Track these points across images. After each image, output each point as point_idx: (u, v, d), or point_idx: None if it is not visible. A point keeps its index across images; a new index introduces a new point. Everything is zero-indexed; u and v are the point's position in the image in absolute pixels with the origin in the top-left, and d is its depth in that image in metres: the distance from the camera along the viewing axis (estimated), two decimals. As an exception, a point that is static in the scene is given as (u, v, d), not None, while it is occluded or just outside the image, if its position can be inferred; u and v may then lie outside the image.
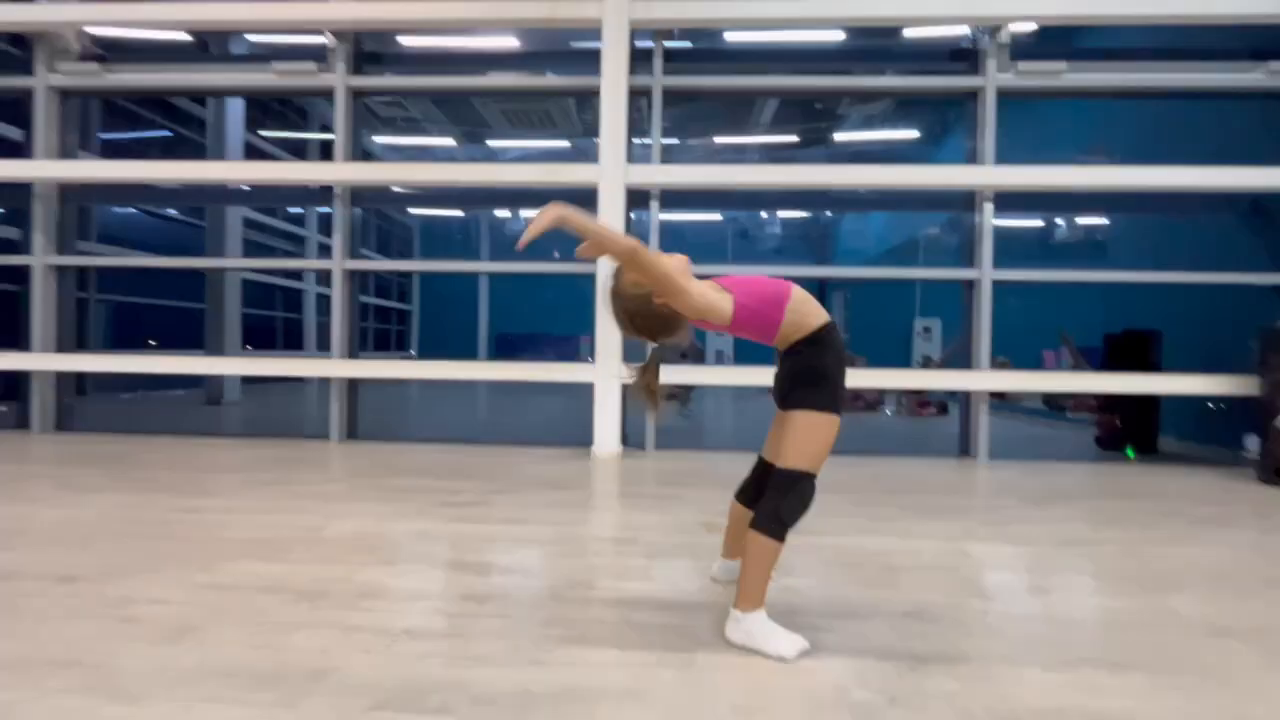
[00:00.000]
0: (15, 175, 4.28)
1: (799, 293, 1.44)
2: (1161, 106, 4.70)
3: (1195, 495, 3.08)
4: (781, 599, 1.67)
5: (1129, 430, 4.48)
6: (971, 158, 4.11)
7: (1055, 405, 7.78)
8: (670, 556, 1.99)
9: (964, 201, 4.21)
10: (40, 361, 4.32)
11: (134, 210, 8.77)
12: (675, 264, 1.35)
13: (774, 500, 1.37)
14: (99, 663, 1.26)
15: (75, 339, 4.82)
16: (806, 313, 1.43)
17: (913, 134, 8.70)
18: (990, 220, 4.04)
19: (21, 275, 4.54)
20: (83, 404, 5.98)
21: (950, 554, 2.10)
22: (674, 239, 3.33)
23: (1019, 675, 1.29)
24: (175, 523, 2.26)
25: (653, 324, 1.43)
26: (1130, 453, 4.21)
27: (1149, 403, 4.45)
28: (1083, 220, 10.85)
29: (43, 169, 4.22)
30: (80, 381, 6.91)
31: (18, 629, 1.40)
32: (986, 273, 4.01)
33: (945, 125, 8.68)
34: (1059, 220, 11.09)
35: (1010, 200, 4.23)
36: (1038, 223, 11.05)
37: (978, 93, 4.05)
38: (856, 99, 7.46)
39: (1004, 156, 4.02)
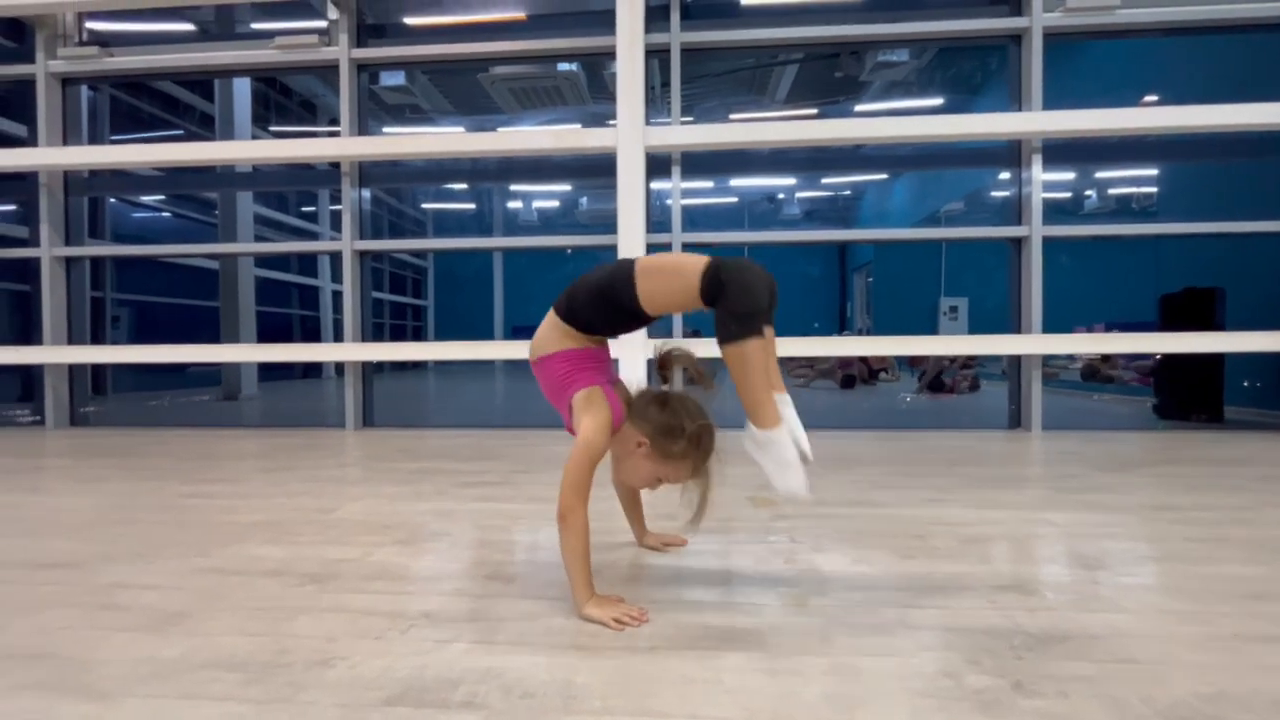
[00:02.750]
0: (17, 163, 4.17)
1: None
2: (1224, 44, 4.35)
3: (1285, 459, 2.80)
4: (854, 571, 1.46)
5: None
6: (1016, 108, 3.82)
7: (1096, 377, 7.44)
8: (715, 533, 1.78)
9: (1008, 156, 3.92)
10: (50, 354, 4.22)
11: (148, 212, 8.76)
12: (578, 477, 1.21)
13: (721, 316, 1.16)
14: (70, 655, 1.08)
15: (90, 337, 4.74)
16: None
17: (939, 101, 8.33)
18: (1039, 174, 3.75)
19: (33, 273, 4.45)
20: (100, 403, 5.94)
21: (1032, 523, 1.86)
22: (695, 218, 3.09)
23: (1166, 654, 1.06)
24: (178, 508, 2.10)
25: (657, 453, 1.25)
26: None
27: (1213, 367, 4.13)
28: (1118, 190, 10.40)
29: (45, 156, 4.10)
30: (98, 382, 6.90)
31: (-13, 619, 1.23)
32: (1036, 229, 3.72)
33: (976, 87, 8.32)
34: (1090, 192, 10.65)
35: (1059, 153, 3.92)
36: (1067, 194, 10.62)
37: (1021, 35, 3.75)
38: (880, 65, 7.15)
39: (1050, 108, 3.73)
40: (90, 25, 4.60)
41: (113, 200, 7.43)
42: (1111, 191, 10.51)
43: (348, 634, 1.15)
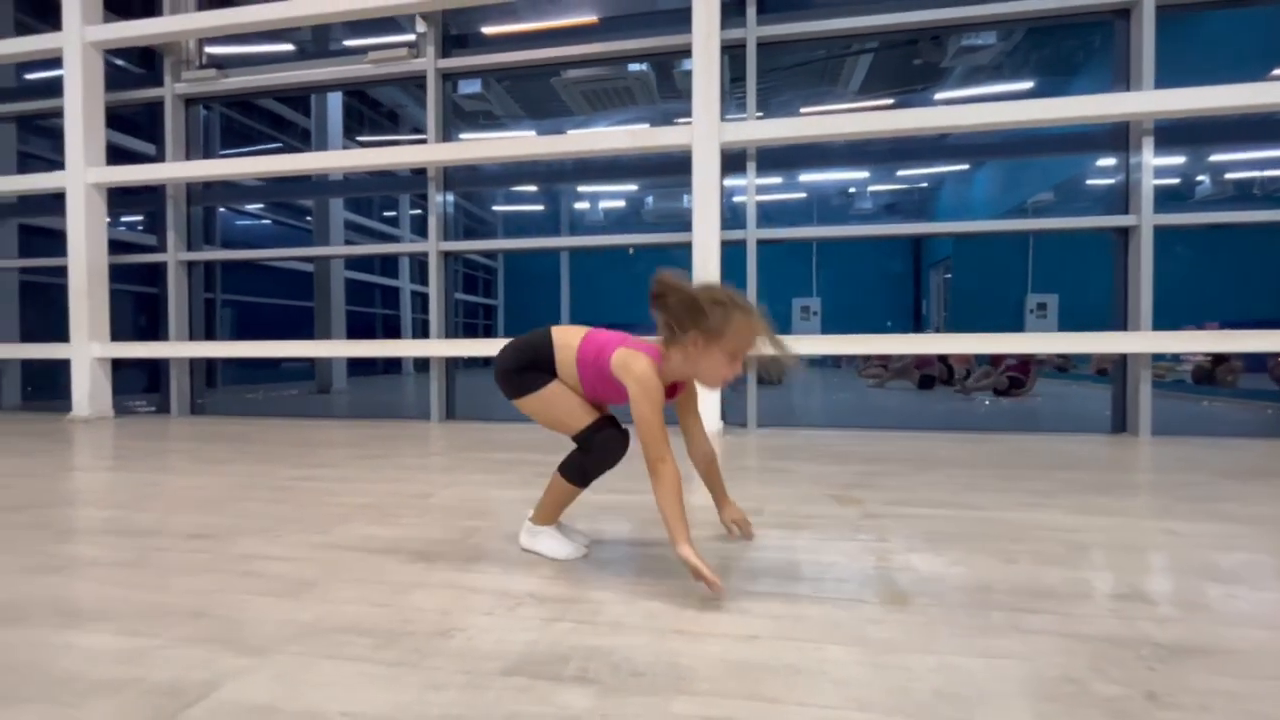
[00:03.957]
0: (157, 176, 4.64)
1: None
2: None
3: None
4: (953, 572, 1.41)
5: None
6: (1122, 87, 3.54)
7: (1208, 380, 6.79)
8: (802, 529, 1.76)
9: (1112, 140, 3.65)
10: (175, 349, 4.67)
11: (252, 220, 9.53)
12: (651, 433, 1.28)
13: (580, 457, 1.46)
14: (224, 614, 1.20)
15: (205, 334, 5.22)
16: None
17: (1028, 85, 7.82)
18: (1150, 159, 3.47)
19: (159, 277, 4.95)
20: (213, 394, 6.51)
21: (1150, 532, 1.73)
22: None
23: (1325, 674, 0.97)
24: (291, 489, 2.28)
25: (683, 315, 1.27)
26: None
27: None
28: (1236, 175, 9.46)
29: (178, 170, 4.55)
30: (210, 375, 7.58)
31: (151, 580, 1.39)
32: (1146, 218, 3.45)
33: (1073, 68, 7.76)
34: (1202, 177, 9.74)
35: (1170, 135, 3.61)
36: (1175, 180, 9.75)
37: (1130, 9, 3.48)
38: (963, 50, 6.79)
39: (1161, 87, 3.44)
40: (208, 50, 5.05)
41: (221, 210, 8.13)
42: (1228, 176, 9.56)
43: (460, 609, 1.22)
